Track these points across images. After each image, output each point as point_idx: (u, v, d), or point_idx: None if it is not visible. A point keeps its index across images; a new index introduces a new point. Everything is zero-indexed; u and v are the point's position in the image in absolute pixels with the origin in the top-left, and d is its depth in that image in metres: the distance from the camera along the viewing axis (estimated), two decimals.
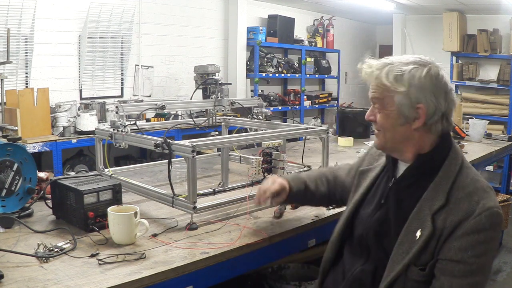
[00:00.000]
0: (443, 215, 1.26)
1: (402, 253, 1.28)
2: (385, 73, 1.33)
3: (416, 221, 1.29)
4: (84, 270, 1.34)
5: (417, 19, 7.25)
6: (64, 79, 4.46)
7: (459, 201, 1.26)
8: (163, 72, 5.34)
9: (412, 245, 1.27)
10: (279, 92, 6.76)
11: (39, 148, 3.65)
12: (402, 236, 1.30)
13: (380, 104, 1.35)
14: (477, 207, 1.23)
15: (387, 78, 1.32)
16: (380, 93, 1.34)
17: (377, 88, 1.34)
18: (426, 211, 1.28)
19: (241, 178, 2.36)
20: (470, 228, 1.21)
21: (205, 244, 1.56)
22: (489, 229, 1.22)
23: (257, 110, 2.56)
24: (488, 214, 1.22)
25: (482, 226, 1.21)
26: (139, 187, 1.97)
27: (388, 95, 1.33)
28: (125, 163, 4.46)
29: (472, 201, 1.25)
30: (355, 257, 1.47)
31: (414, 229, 1.28)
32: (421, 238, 1.26)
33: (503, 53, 6.12)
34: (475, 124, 3.93)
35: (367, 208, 1.49)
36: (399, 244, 1.29)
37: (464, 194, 1.26)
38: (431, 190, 1.30)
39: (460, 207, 1.25)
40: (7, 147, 1.71)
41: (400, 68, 1.32)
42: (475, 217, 1.22)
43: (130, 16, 4.76)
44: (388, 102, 1.33)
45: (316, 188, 1.71)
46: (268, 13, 6.34)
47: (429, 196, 1.30)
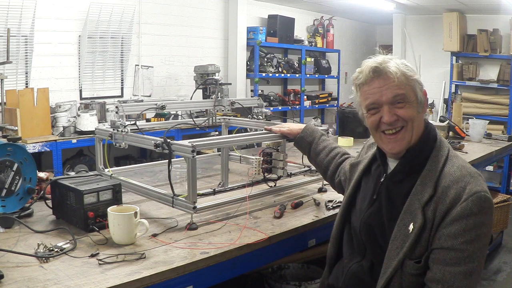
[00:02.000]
0: (432, 206, 1.26)
1: (397, 248, 1.28)
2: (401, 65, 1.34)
3: (407, 215, 1.29)
4: (84, 270, 1.34)
5: (417, 19, 7.24)
6: (64, 79, 4.46)
7: (446, 189, 1.26)
8: (163, 72, 5.34)
9: (405, 239, 1.27)
10: (279, 92, 6.76)
11: (39, 148, 3.65)
12: (396, 232, 1.30)
13: (402, 99, 1.34)
14: (464, 192, 1.23)
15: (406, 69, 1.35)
16: (403, 87, 1.33)
17: (398, 84, 1.33)
18: (416, 204, 1.28)
19: (241, 178, 2.36)
20: (458, 214, 1.21)
21: (205, 244, 1.56)
22: (478, 214, 1.21)
23: (257, 110, 2.56)
24: (475, 198, 1.21)
25: (470, 211, 1.20)
26: (139, 187, 1.96)
27: (409, 85, 1.34)
28: (125, 163, 4.46)
29: (458, 187, 1.24)
30: (353, 253, 1.48)
31: (407, 223, 1.28)
32: (414, 231, 1.26)
33: (503, 53, 6.12)
34: (475, 124, 3.93)
35: (361, 203, 1.50)
36: (393, 240, 1.30)
37: (450, 181, 1.26)
38: (420, 184, 1.31)
39: (447, 195, 1.25)
40: (7, 147, 1.71)
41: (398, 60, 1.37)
42: (462, 202, 1.21)
43: (130, 16, 4.76)
44: (409, 93, 1.34)
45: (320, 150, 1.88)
46: (268, 13, 6.34)
47: (418, 189, 1.30)
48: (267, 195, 2.03)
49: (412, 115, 1.34)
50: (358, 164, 1.60)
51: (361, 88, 1.40)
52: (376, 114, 1.37)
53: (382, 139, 1.39)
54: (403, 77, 1.33)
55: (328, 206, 2.01)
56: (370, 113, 1.39)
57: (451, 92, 6.50)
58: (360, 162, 1.60)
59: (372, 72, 1.35)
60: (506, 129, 6.04)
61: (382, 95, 1.34)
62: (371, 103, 1.37)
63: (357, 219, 1.48)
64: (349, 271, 1.45)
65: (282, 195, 2.13)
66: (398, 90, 1.33)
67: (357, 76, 1.40)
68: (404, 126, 1.35)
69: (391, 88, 1.33)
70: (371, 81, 1.36)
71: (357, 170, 1.58)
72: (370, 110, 1.39)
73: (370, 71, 1.35)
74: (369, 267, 1.41)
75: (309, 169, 2.23)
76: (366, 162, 1.55)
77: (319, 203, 2.04)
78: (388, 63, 1.35)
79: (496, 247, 4.11)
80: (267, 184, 2.02)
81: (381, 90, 1.34)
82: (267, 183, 2.02)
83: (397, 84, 1.33)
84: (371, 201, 1.45)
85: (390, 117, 1.34)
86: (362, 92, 1.40)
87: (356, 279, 1.43)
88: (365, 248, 1.43)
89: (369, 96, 1.37)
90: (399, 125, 1.35)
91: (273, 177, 2.02)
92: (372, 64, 1.36)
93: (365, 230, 1.42)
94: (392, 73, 1.33)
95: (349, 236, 1.52)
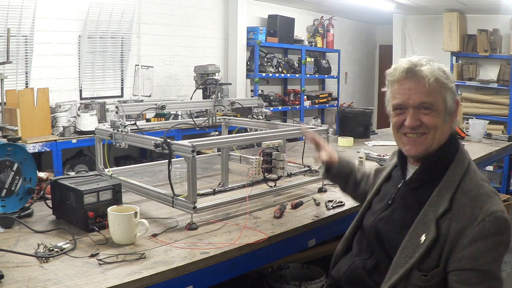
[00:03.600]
0: (447, 221, 1.24)
1: (406, 256, 1.27)
2: (437, 70, 1.32)
3: (421, 226, 1.28)
4: (84, 270, 1.34)
5: (417, 19, 7.24)
6: (64, 79, 4.46)
7: (463, 207, 1.24)
8: (163, 72, 5.34)
9: (416, 249, 1.26)
10: (279, 92, 6.76)
11: (39, 148, 3.65)
12: (407, 240, 1.29)
13: (430, 106, 1.30)
14: (480, 212, 1.21)
15: (442, 75, 1.32)
16: (432, 94, 1.30)
17: (428, 91, 1.30)
18: (430, 215, 1.27)
19: (241, 178, 2.36)
20: (476, 235, 1.19)
21: (205, 244, 1.56)
22: (496, 234, 1.20)
23: (257, 110, 2.56)
24: (492, 218, 1.20)
25: (488, 231, 1.19)
26: (139, 187, 1.96)
27: (440, 93, 1.31)
28: (125, 163, 4.46)
29: (475, 207, 1.22)
30: (361, 251, 1.49)
31: (419, 234, 1.27)
32: (425, 243, 1.24)
33: (503, 53, 6.12)
34: (475, 124, 3.93)
35: (376, 207, 1.51)
36: (403, 248, 1.29)
37: (467, 200, 1.24)
38: (436, 195, 1.29)
39: (463, 213, 1.23)
40: (7, 147, 1.71)
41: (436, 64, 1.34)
42: (479, 223, 1.20)
43: (130, 16, 4.76)
44: (439, 101, 1.31)
45: (360, 179, 1.78)
46: (268, 13, 6.34)
47: (434, 200, 1.29)
48: (267, 195, 2.03)
49: (437, 123, 1.31)
50: (383, 170, 1.61)
51: (392, 86, 1.37)
52: (401, 115, 1.35)
53: (402, 140, 1.38)
54: (435, 84, 1.30)
55: (328, 206, 2.01)
56: (395, 113, 1.37)
57: None
58: (384, 168, 1.61)
59: (406, 72, 1.32)
60: (506, 129, 6.04)
61: (410, 98, 1.31)
62: (398, 104, 1.35)
63: (369, 220, 1.49)
64: (352, 265, 1.47)
65: (282, 195, 2.13)
66: (426, 97, 1.30)
67: (391, 73, 1.37)
68: (426, 133, 1.32)
69: (420, 94, 1.30)
70: (402, 81, 1.33)
71: (381, 176, 1.58)
72: (396, 110, 1.36)
73: (403, 70, 1.32)
74: (373, 266, 1.41)
75: (309, 169, 2.23)
76: (390, 168, 1.56)
77: (319, 203, 2.05)
78: (424, 66, 1.32)
79: None
80: (267, 184, 2.02)
81: (410, 92, 1.31)
82: (267, 183, 2.01)
83: (427, 90, 1.29)
84: (386, 205, 1.45)
85: (413, 122, 1.32)
86: (392, 89, 1.38)
87: (356, 274, 1.44)
88: (372, 249, 1.44)
89: (397, 96, 1.35)
90: (421, 131, 1.32)
91: (273, 177, 2.02)
92: (407, 64, 1.33)
93: (374, 232, 1.42)
94: (425, 78, 1.30)
95: (361, 235, 1.53)
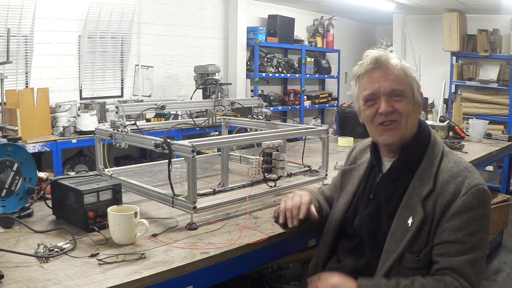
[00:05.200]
0: (432, 200, 1.29)
1: (396, 241, 1.29)
2: (403, 62, 1.37)
3: (406, 210, 1.31)
4: (84, 270, 1.34)
5: (417, 19, 7.24)
6: (64, 79, 4.46)
7: (445, 184, 1.29)
8: (163, 72, 5.34)
9: (405, 232, 1.29)
10: (279, 92, 6.75)
11: (39, 148, 3.65)
12: (394, 226, 1.31)
13: (400, 94, 1.36)
14: (463, 186, 1.27)
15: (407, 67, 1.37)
16: (401, 82, 1.36)
17: (399, 78, 1.35)
18: (415, 198, 1.31)
19: (241, 178, 2.36)
20: (459, 207, 1.25)
21: (205, 244, 1.56)
22: (478, 206, 1.26)
23: (257, 110, 2.56)
24: (475, 191, 1.26)
25: (470, 204, 1.25)
26: (139, 187, 1.96)
27: (407, 82, 1.36)
28: (125, 163, 4.46)
29: (458, 182, 1.28)
30: (349, 254, 1.48)
31: (405, 217, 1.30)
32: (414, 225, 1.28)
33: (503, 53, 6.12)
34: (475, 124, 3.93)
35: (358, 206, 1.50)
36: (392, 234, 1.31)
37: (449, 177, 1.30)
38: (418, 179, 1.33)
39: (447, 190, 1.28)
40: (7, 147, 1.71)
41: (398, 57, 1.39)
42: (462, 196, 1.25)
43: (130, 16, 4.76)
44: (407, 89, 1.37)
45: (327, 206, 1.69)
46: (268, 13, 6.34)
47: (416, 184, 1.33)
48: (267, 195, 2.03)
49: (408, 110, 1.36)
50: (353, 170, 1.59)
51: (360, 80, 1.41)
52: (373, 106, 1.38)
53: (377, 130, 1.40)
54: (402, 72, 1.36)
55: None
56: (367, 105, 1.40)
57: (451, 92, 6.50)
58: (355, 168, 1.59)
59: (374, 62, 1.37)
60: (506, 129, 6.04)
61: (380, 86, 1.36)
62: (369, 93, 1.38)
63: (354, 220, 1.48)
64: (344, 267, 1.45)
65: (282, 195, 2.13)
66: (396, 85, 1.35)
67: (358, 67, 1.41)
68: (399, 120, 1.36)
69: (390, 81, 1.35)
70: (371, 72, 1.38)
71: (354, 176, 1.57)
72: (368, 102, 1.39)
73: (371, 61, 1.37)
74: (365, 265, 1.41)
75: (309, 169, 2.23)
76: (365, 166, 1.55)
77: None
78: (390, 55, 1.38)
79: (496, 247, 4.11)
80: (267, 184, 2.02)
81: (380, 80, 1.36)
82: (267, 183, 2.01)
83: (396, 78, 1.35)
84: (368, 201, 1.46)
85: (387, 108, 1.35)
86: (361, 83, 1.41)
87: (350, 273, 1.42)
88: (363, 248, 1.43)
89: (367, 87, 1.38)
90: (394, 118, 1.36)
91: (273, 177, 2.01)
92: (375, 54, 1.38)
93: (365, 230, 1.42)
94: (393, 65, 1.35)
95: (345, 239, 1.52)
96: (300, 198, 1.51)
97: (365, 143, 1.63)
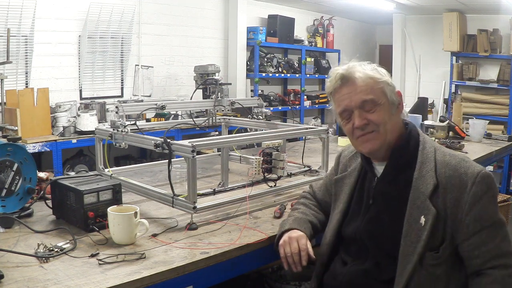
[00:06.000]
0: (440, 196, 1.31)
1: (412, 243, 1.30)
2: (369, 69, 1.40)
3: (415, 210, 1.32)
4: (84, 270, 1.34)
5: (417, 19, 7.24)
6: (64, 79, 4.46)
7: (449, 178, 1.32)
8: (163, 72, 5.34)
9: (419, 233, 1.29)
10: (279, 92, 6.76)
11: (39, 148, 3.65)
12: (406, 227, 1.32)
13: (372, 103, 1.38)
14: (467, 178, 1.31)
15: (374, 72, 1.39)
16: (370, 91, 1.38)
17: (367, 89, 1.38)
18: (421, 197, 1.32)
19: (241, 178, 2.36)
20: (472, 199, 1.29)
21: (205, 244, 1.56)
22: (488, 191, 1.31)
23: (257, 110, 2.56)
24: (480, 178, 1.30)
25: (481, 191, 1.30)
26: (139, 187, 1.97)
27: (378, 88, 1.37)
28: (125, 163, 4.46)
29: (460, 174, 1.32)
30: (352, 258, 1.47)
31: (416, 218, 1.31)
32: (427, 223, 1.29)
33: (503, 53, 6.12)
34: (475, 124, 3.92)
35: (355, 214, 1.49)
36: (406, 236, 1.31)
37: (450, 170, 1.33)
38: (418, 177, 1.34)
39: (452, 183, 1.32)
40: (7, 147, 1.71)
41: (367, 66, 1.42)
42: (471, 188, 1.30)
43: (130, 16, 4.76)
44: (379, 96, 1.38)
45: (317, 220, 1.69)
46: (268, 13, 6.34)
47: (418, 183, 1.34)
48: (267, 195, 2.03)
49: (383, 118, 1.38)
50: (345, 178, 1.59)
51: (333, 97, 1.46)
52: (350, 121, 1.42)
53: (357, 142, 1.44)
54: (371, 81, 1.38)
55: None
56: (344, 121, 1.44)
57: (451, 92, 6.50)
58: (346, 176, 1.59)
59: (340, 79, 1.41)
60: (506, 129, 6.04)
61: (351, 101, 1.39)
62: (342, 110, 1.42)
63: (353, 227, 1.48)
64: (349, 271, 1.45)
65: (282, 195, 2.13)
66: (365, 96, 1.38)
67: (328, 86, 1.46)
68: (376, 130, 1.39)
69: (359, 94, 1.38)
70: (339, 89, 1.42)
71: (346, 184, 1.57)
72: (344, 118, 1.44)
73: (337, 79, 1.42)
74: (371, 268, 1.40)
75: (309, 169, 2.23)
76: (356, 174, 1.56)
77: None
78: (354, 68, 1.40)
79: None
80: (267, 184, 2.02)
81: (350, 96, 1.39)
82: (267, 183, 2.02)
83: (365, 89, 1.37)
84: (367, 207, 1.46)
85: (360, 121, 1.38)
86: (335, 100, 1.46)
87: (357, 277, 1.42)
88: (366, 252, 1.43)
89: (340, 103, 1.43)
90: (370, 129, 1.39)
91: (273, 177, 2.02)
92: (339, 71, 1.42)
93: (367, 235, 1.42)
94: (358, 79, 1.38)
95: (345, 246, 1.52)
96: (297, 242, 1.52)
97: (352, 150, 1.63)
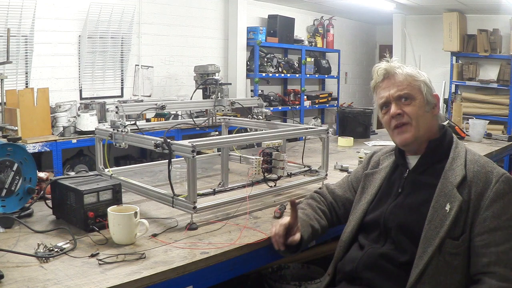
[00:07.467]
0: (467, 188, 1.38)
1: (436, 227, 1.36)
2: (409, 69, 1.52)
3: (442, 197, 1.39)
4: (84, 270, 1.34)
5: (417, 19, 7.25)
6: (64, 79, 4.47)
7: (477, 173, 1.41)
8: (163, 72, 5.34)
9: (444, 219, 1.36)
10: (279, 92, 6.76)
11: (39, 148, 3.66)
12: (432, 213, 1.38)
13: (409, 98, 1.49)
14: (492, 176, 1.39)
15: (414, 71, 1.51)
16: (407, 86, 1.49)
17: (404, 84, 1.49)
18: (449, 186, 1.40)
19: (241, 178, 2.36)
20: (494, 195, 1.35)
21: (205, 244, 1.56)
22: (510, 192, 1.37)
23: (257, 110, 2.55)
24: (504, 179, 1.38)
25: (503, 190, 1.36)
26: (139, 187, 1.96)
27: (415, 85, 1.49)
28: (125, 163, 4.47)
29: (487, 172, 1.40)
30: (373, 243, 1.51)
31: (442, 204, 1.38)
32: (452, 210, 1.35)
33: (503, 53, 6.13)
34: (475, 124, 3.92)
35: (382, 202, 1.56)
36: (430, 221, 1.37)
37: (479, 167, 1.42)
38: (448, 168, 1.43)
39: (479, 178, 1.40)
40: (7, 147, 1.71)
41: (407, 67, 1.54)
42: (494, 184, 1.37)
43: (130, 16, 4.76)
44: (416, 93, 1.49)
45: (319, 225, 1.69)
46: (268, 13, 6.34)
47: (447, 174, 1.42)
48: (267, 195, 2.02)
49: (417, 112, 1.48)
50: (375, 173, 1.67)
51: (376, 90, 1.58)
52: (387, 112, 1.52)
53: (393, 134, 1.54)
54: (409, 78, 1.50)
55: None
56: (383, 112, 1.55)
57: (451, 92, 6.50)
58: (377, 171, 1.67)
59: (382, 75, 1.54)
60: (506, 129, 6.05)
61: (389, 93, 1.51)
62: (383, 102, 1.53)
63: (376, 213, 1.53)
64: (366, 253, 1.48)
65: (282, 195, 2.13)
66: (402, 90, 1.49)
67: (373, 81, 1.58)
68: (409, 122, 1.49)
69: (397, 87, 1.50)
70: (381, 83, 1.55)
71: (376, 178, 1.65)
72: (383, 109, 1.54)
73: (380, 74, 1.54)
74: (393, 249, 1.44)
75: (309, 169, 2.23)
76: (388, 170, 1.63)
77: None
78: (396, 64, 1.53)
79: None
80: (267, 184, 2.02)
81: (389, 89, 1.51)
82: (267, 183, 2.01)
83: (402, 84, 1.50)
84: (395, 195, 1.53)
85: (396, 110, 1.49)
86: (377, 93, 1.57)
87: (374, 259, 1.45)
88: (387, 236, 1.48)
89: (381, 95, 1.54)
90: (405, 120, 1.49)
91: (273, 177, 2.01)
92: (382, 66, 1.54)
93: (392, 218, 1.47)
94: (398, 74, 1.51)
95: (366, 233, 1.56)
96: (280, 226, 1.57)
97: (386, 150, 1.73)
